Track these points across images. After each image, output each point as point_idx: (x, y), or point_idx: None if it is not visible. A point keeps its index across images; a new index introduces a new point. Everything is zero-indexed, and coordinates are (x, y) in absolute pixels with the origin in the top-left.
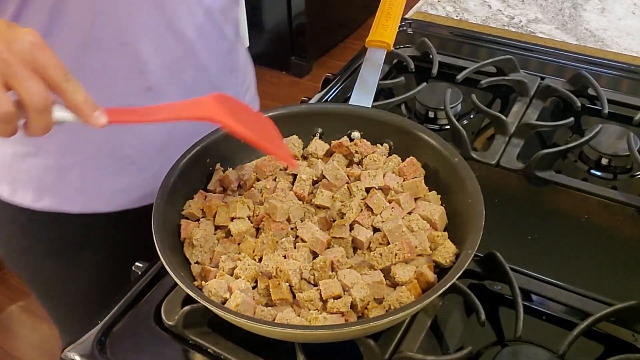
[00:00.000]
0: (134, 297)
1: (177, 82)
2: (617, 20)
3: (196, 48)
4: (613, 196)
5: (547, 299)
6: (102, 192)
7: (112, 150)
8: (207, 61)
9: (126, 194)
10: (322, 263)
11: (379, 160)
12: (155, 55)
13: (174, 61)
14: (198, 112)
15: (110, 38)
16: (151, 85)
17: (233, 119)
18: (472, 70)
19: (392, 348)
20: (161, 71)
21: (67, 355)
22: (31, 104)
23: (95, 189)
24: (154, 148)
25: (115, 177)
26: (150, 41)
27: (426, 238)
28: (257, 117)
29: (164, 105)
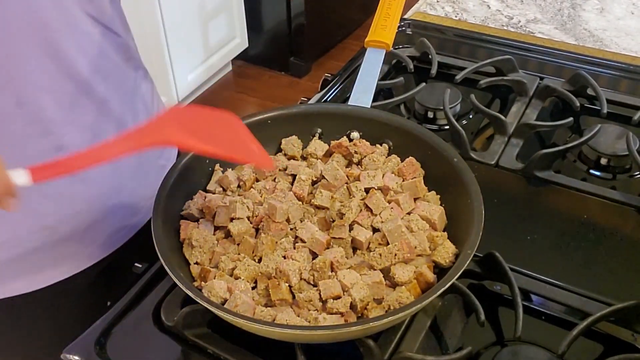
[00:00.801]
0: (134, 298)
1: (88, 135)
2: (616, 20)
3: (97, 90)
4: (612, 196)
5: (547, 299)
6: (21, 270)
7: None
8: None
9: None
10: (321, 263)
11: (378, 161)
12: (57, 108)
13: (80, 113)
14: (149, 139)
15: (5, 101)
16: (62, 144)
17: (191, 137)
18: (471, 70)
19: (392, 348)
20: (69, 126)
21: (67, 356)
22: None
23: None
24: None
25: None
26: (49, 94)
27: (425, 238)
28: (221, 122)
29: (107, 143)
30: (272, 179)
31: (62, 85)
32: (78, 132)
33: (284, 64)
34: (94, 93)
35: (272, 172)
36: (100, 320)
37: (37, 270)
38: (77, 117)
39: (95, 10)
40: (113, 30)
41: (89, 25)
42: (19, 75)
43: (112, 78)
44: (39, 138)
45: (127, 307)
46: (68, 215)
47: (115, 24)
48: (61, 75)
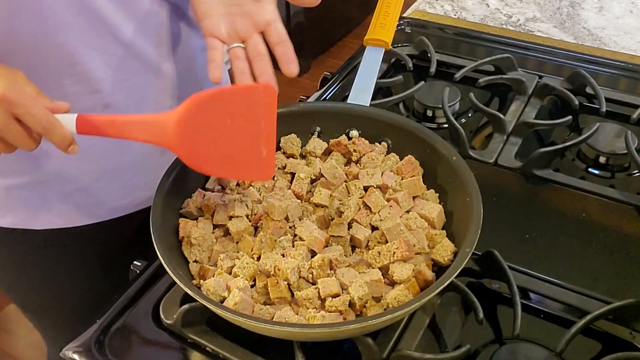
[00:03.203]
0: (133, 296)
1: (134, 96)
2: (615, 18)
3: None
4: (611, 194)
5: (545, 297)
6: (61, 210)
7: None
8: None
9: (89, 212)
10: (320, 261)
11: (377, 159)
12: (106, 69)
13: (125, 72)
14: (157, 137)
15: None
16: (110, 102)
17: (193, 150)
18: (470, 68)
19: (391, 346)
20: (116, 86)
21: (66, 354)
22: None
23: (54, 207)
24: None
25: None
26: (98, 55)
27: (424, 236)
28: (243, 109)
29: (127, 119)
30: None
31: (110, 48)
32: (125, 92)
33: None
34: (143, 56)
35: None
36: (100, 319)
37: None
38: (125, 78)
39: None
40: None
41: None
42: (67, 41)
43: (164, 43)
44: (88, 95)
45: (126, 305)
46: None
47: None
48: (109, 39)
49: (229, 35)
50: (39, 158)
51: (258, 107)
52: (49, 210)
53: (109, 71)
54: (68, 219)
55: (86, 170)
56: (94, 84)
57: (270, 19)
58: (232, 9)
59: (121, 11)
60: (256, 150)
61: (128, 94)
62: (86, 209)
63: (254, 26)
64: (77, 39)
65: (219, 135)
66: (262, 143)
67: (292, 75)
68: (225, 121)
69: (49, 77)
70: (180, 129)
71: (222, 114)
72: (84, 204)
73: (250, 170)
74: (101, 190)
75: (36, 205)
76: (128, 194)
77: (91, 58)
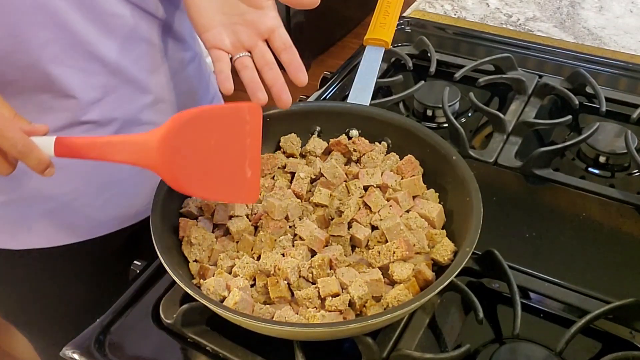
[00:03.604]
0: (133, 296)
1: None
2: (615, 18)
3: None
4: (611, 194)
5: (545, 297)
6: (42, 229)
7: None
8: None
9: (70, 230)
10: (320, 261)
11: (377, 159)
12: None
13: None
14: (139, 159)
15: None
16: (89, 119)
17: (176, 172)
18: (470, 68)
19: (391, 346)
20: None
21: (66, 354)
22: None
23: (34, 227)
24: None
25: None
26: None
27: (424, 236)
28: (226, 129)
29: (108, 140)
30: (270, 176)
31: (88, 65)
32: (105, 109)
33: None
34: (123, 72)
35: (271, 170)
36: (100, 318)
37: (62, 225)
38: (104, 95)
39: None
40: (147, 10)
41: (120, 7)
42: (44, 59)
43: (147, 60)
44: (67, 111)
45: (126, 304)
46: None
47: (149, 4)
48: (86, 56)
49: (234, 46)
50: (17, 177)
51: (243, 128)
52: (29, 229)
53: (88, 88)
54: (49, 239)
55: (67, 189)
56: (72, 100)
57: (273, 25)
58: (233, 18)
59: (97, 27)
60: (241, 171)
61: (108, 110)
62: (68, 228)
63: (258, 34)
64: (53, 56)
65: (203, 156)
66: (247, 164)
67: (301, 85)
68: (209, 141)
69: (27, 93)
70: (162, 149)
71: (206, 134)
72: (66, 223)
73: (235, 192)
74: (83, 208)
75: (15, 224)
76: (111, 212)
77: (69, 75)
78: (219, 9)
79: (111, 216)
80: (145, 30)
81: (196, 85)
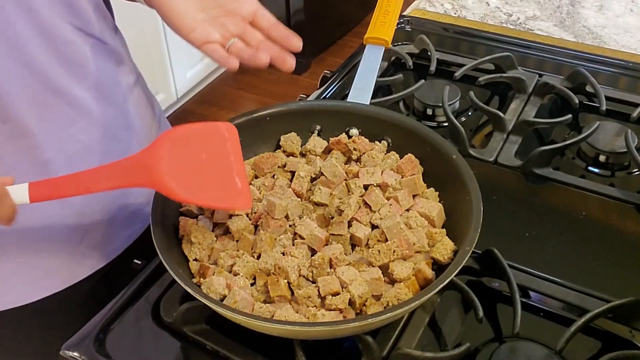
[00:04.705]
0: (133, 294)
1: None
2: (615, 17)
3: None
4: (611, 193)
5: (545, 296)
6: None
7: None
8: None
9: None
10: (320, 260)
11: (377, 158)
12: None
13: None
14: (133, 179)
15: None
16: (49, 159)
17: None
18: (470, 67)
19: (390, 344)
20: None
21: (66, 352)
22: None
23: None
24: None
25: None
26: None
27: (424, 235)
28: (210, 144)
29: (90, 171)
30: (270, 175)
31: (44, 97)
32: (63, 144)
33: None
34: (80, 103)
35: (271, 169)
36: (100, 317)
37: (32, 280)
38: (62, 129)
39: (79, 21)
40: (100, 39)
41: (72, 34)
42: (2, 92)
43: (101, 87)
44: (26, 153)
45: (126, 303)
46: (68, 216)
47: (102, 33)
48: (42, 87)
49: (223, 37)
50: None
51: (224, 143)
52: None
53: (43, 122)
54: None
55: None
56: (29, 138)
57: (253, 8)
58: (213, 12)
59: (53, 55)
60: (232, 181)
61: (66, 144)
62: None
63: (243, 20)
64: (10, 89)
65: (195, 169)
66: (235, 175)
67: (298, 49)
68: (199, 155)
69: None
70: (155, 168)
71: (193, 149)
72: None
73: (230, 199)
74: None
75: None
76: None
77: (23, 110)
78: (197, 8)
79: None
80: (94, 56)
81: (144, 107)
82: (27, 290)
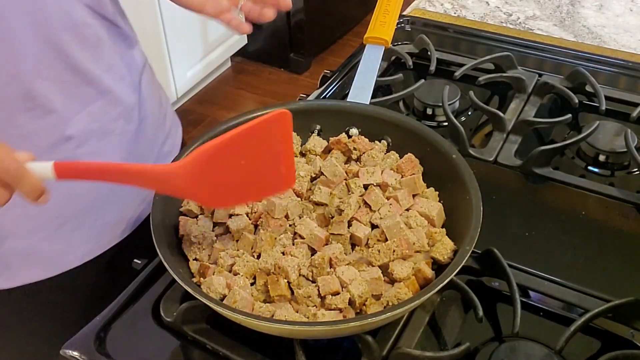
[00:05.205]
0: (133, 294)
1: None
2: (614, 17)
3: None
4: (610, 193)
5: (545, 295)
6: (39, 258)
7: (40, 216)
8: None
9: (64, 256)
10: (320, 259)
11: (377, 157)
12: (64, 99)
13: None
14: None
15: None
16: (71, 134)
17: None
18: (470, 67)
19: (390, 344)
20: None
21: (66, 352)
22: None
23: (31, 259)
24: (84, 204)
25: (47, 243)
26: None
27: (424, 235)
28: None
29: (122, 166)
30: None
31: (67, 76)
32: (84, 122)
33: (284, 60)
34: (99, 83)
35: None
36: (100, 316)
37: (52, 255)
38: (83, 107)
39: (94, 3)
40: (113, 22)
41: (89, 17)
42: (25, 70)
43: (116, 68)
44: (48, 130)
45: (126, 302)
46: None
47: (115, 16)
48: (65, 67)
49: (232, 2)
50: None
51: (274, 137)
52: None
53: (66, 100)
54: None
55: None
56: (53, 116)
57: None
58: None
59: (73, 38)
60: (275, 172)
61: (87, 122)
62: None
63: None
64: (34, 69)
65: (235, 175)
66: (280, 164)
67: (288, 8)
68: (239, 162)
69: (6, 116)
70: (190, 181)
71: (235, 157)
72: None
73: (271, 189)
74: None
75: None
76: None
77: (49, 88)
78: None
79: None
80: (109, 38)
81: (154, 92)
82: (48, 265)
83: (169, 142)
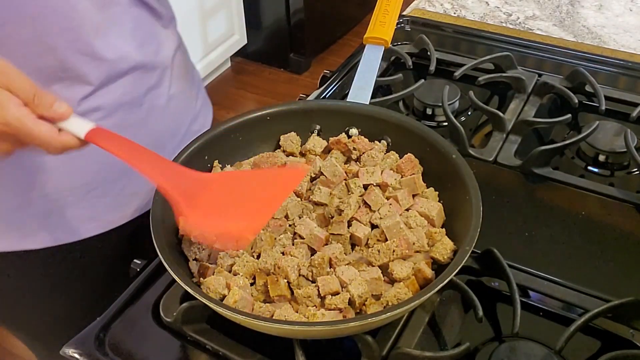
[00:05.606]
0: (133, 294)
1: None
2: (614, 17)
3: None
4: (610, 193)
5: (545, 295)
6: (64, 223)
7: (68, 182)
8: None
9: (89, 222)
10: (320, 259)
11: (376, 157)
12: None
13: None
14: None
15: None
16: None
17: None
18: (470, 67)
19: (390, 344)
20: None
21: (66, 352)
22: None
23: (56, 222)
24: (113, 172)
25: (75, 208)
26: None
27: (424, 235)
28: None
29: (148, 153)
30: None
31: (100, 52)
32: (114, 94)
33: (283, 60)
34: (131, 59)
35: None
36: (100, 316)
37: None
38: (113, 79)
39: None
40: (146, 2)
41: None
42: (60, 46)
43: (148, 46)
44: (79, 99)
45: (126, 302)
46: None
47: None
48: (98, 43)
49: None
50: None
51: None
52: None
53: (98, 73)
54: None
55: (66, 185)
56: (84, 87)
57: None
58: None
59: (103, 15)
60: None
61: (117, 96)
62: (72, 227)
63: None
64: (69, 43)
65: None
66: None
67: None
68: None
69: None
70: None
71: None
72: (68, 222)
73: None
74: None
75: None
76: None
77: (82, 61)
78: None
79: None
80: (143, 17)
81: (186, 68)
82: (74, 229)
83: (198, 121)
